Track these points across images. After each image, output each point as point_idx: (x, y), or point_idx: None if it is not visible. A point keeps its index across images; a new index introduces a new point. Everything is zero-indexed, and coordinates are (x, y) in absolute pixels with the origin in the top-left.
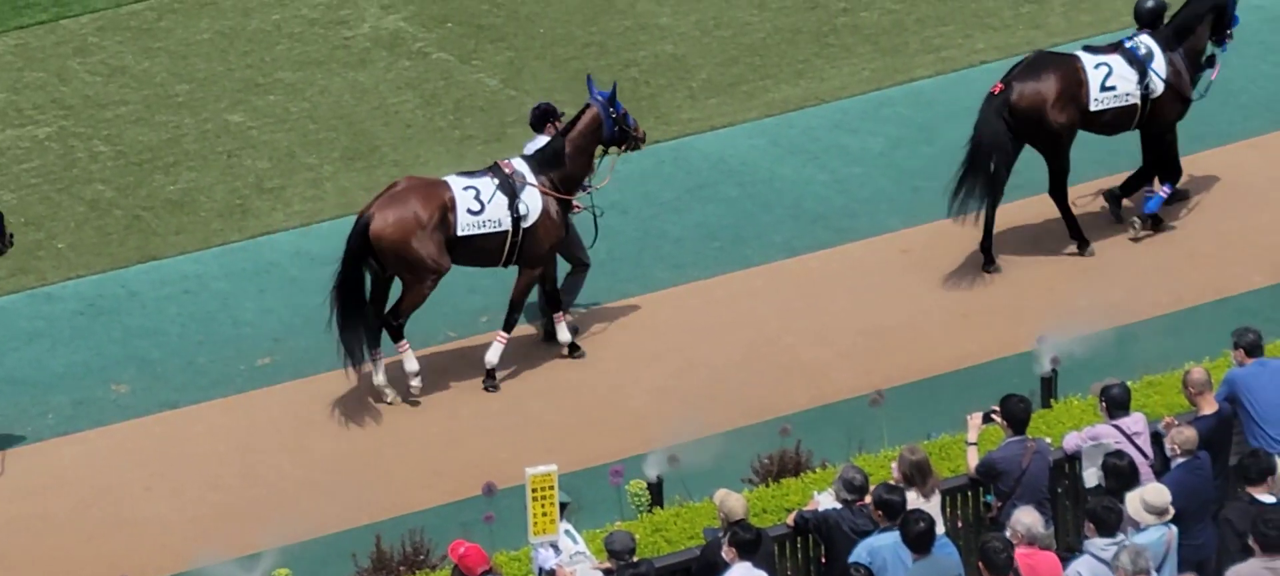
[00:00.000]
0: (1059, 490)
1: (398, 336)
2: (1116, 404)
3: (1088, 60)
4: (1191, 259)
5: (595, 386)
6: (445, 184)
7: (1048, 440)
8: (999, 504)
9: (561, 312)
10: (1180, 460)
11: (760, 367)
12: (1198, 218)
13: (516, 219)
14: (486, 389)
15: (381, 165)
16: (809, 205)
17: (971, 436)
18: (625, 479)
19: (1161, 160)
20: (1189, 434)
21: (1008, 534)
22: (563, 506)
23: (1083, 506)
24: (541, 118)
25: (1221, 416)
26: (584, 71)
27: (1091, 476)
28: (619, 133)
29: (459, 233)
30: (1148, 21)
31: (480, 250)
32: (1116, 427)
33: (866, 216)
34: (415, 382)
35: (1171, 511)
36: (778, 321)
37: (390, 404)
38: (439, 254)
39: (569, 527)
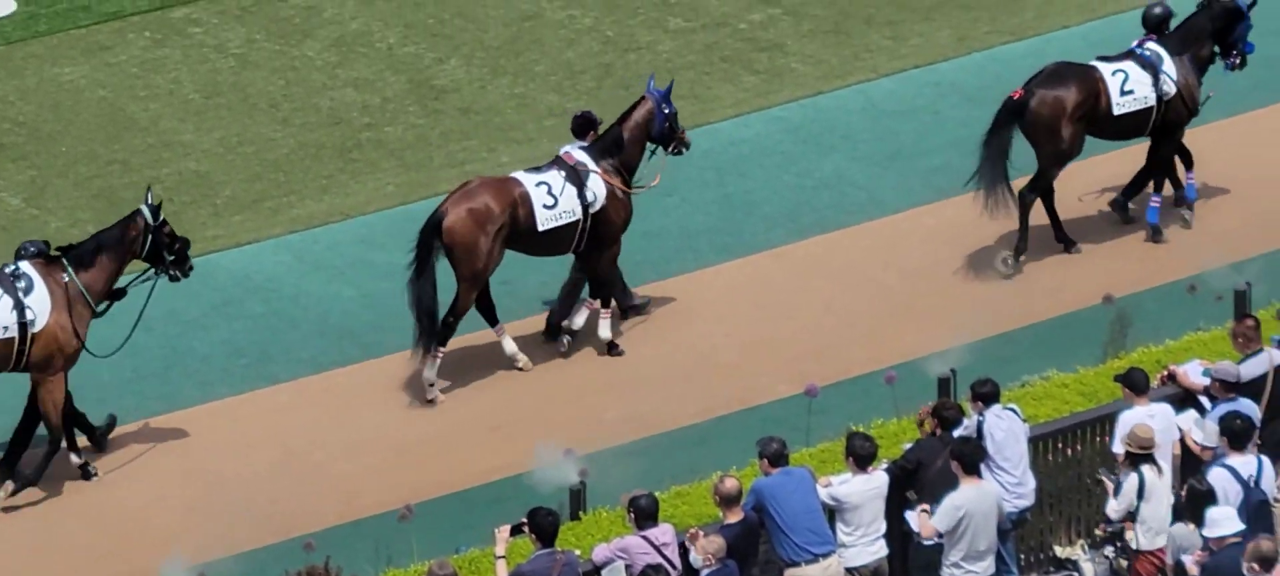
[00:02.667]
0: None
1: (444, 340)
2: (645, 515)
3: (1104, 68)
4: (718, 369)
5: (124, 505)
6: (516, 181)
7: (577, 552)
8: None
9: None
10: (710, 569)
11: (289, 483)
12: (724, 328)
13: (586, 206)
14: (612, 354)
15: None
16: (336, 320)
17: (500, 549)
18: None
19: (1158, 165)
20: (719, 543)
21: None
22: None
23: None
24: (585, 125)
25: (747, 525)
26: (108, 189)
27: None
28: (669, 130)
29: (540, 228)
30: (1154, 27)
31: (558, 241)
32: (645, 538)
33: (395, 331)
34: (433, 393)
35: None
36: (307, 436)
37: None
38: (497, 255)
39: None
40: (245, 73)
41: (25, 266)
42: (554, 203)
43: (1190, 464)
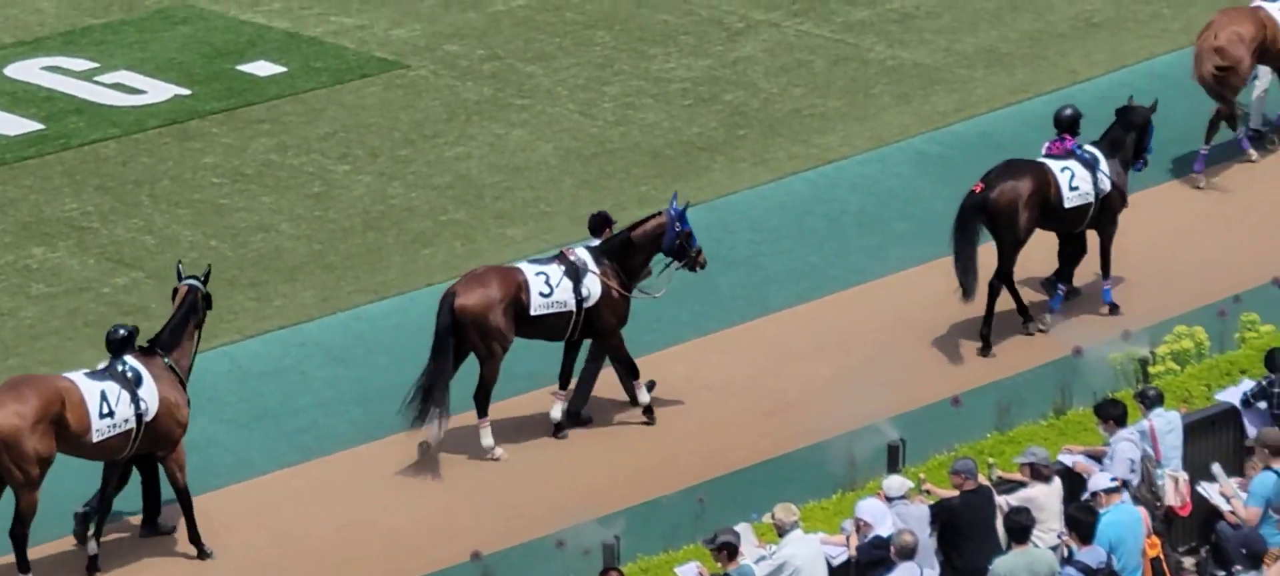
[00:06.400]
0: None
1: (482, 413)
2: None
3: (1054, 165)
4: None
5: None
6: (517, 269)
7: None
8: None
9: (565, 390)
10: None
11: None
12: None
13: (580, 300)
14: (647, 421)
15: None
16: None
17: None
18: None
19: (1101, 252)
20: None
21: None
22: None
23: None
24: (600, 223)
25: None
26: None
27: None
28: (680, 247)
29: (533, 312)
30: (1067, 127)
31: (550, 327)
32: None
33: None
34: (498, 452)
35: None
36: None
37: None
38: (509, 330)
39: None
40: None
41: (132, 361)
42: (550, 292)
43: None
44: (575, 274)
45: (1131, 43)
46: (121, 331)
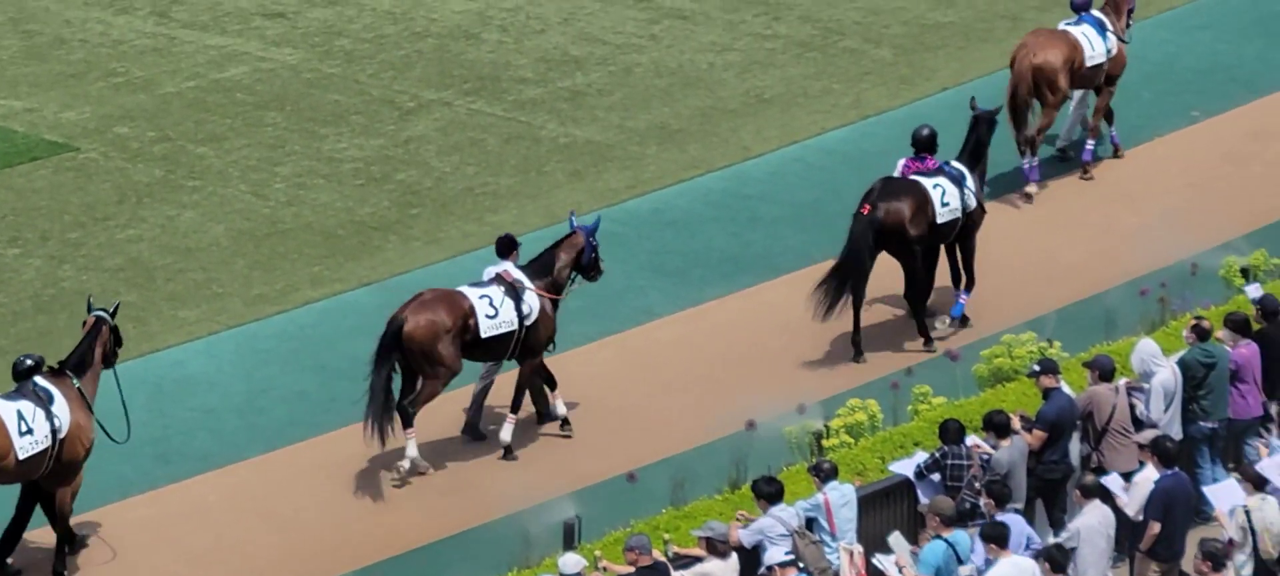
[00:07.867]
0: None
1: (408, 423)
2: None
3: (928, 183)
4: None
5: None
6: (463, 294)
7: None
8: None
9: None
10: None
11: None
12: None
13: (521, 318)
14: (506, 459)
15: None
16: None
17: None
18: None
19: (965, 266)
20: None
21: None
22: None
23: None
24: (507, 246)
25: None
26: None
27: None
28: (592, 260)
29: (483, 336)
30: (926, 146)
31: (495, 347)
32: None
33: None
34: (406, 466)
35: None
36: None
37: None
38: (456, 358)
39: None
40: None
41: (43, 382)
42: (495, 314)
43: None
44: (515, 293)
45: (803, 118)
46: (27, 361)
